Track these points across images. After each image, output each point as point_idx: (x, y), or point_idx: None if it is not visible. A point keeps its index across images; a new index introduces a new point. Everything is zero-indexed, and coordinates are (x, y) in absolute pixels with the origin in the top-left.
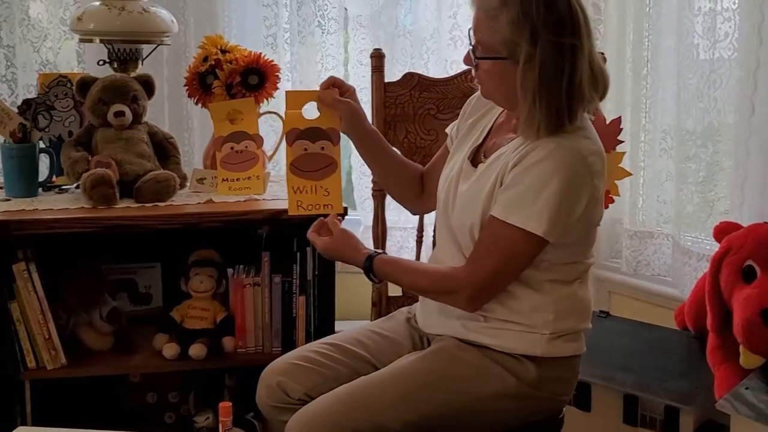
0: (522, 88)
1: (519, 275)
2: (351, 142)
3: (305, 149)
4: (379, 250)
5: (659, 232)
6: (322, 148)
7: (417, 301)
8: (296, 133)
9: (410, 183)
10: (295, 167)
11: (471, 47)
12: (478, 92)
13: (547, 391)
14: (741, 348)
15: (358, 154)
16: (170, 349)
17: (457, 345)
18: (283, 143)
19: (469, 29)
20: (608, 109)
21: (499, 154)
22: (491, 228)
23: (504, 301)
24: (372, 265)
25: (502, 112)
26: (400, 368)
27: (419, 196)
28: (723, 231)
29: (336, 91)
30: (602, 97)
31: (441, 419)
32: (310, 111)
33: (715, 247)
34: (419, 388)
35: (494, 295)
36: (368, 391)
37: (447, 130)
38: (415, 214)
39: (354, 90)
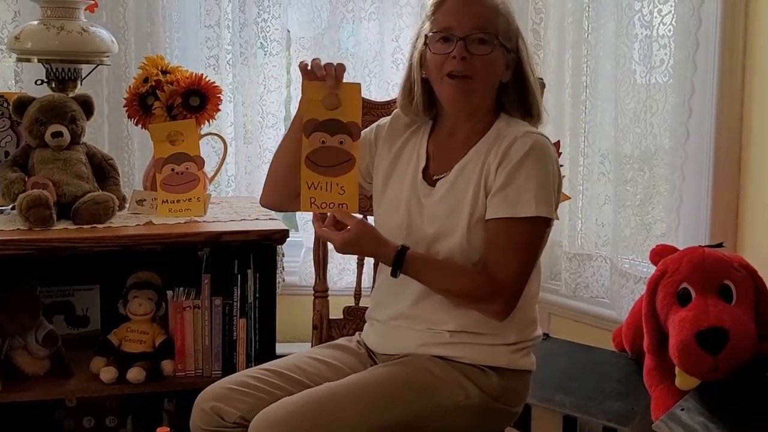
0: (526, 72)
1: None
2: None
3: (323, 142)
4: (406, 245)
5: (597, 255)
6: (341, 142)
7: (360, 329)
8: (314, 125)
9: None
10: (310, 161)
11: (462, 40)
12: (390, 117)
13: (504, 401)
14: (677, 369)
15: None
16: (108, 373)
17: (425, 356)
18: (225, 165)
19: (445, 29)
20: (548, 133)
21: (464, 164)
22: (501, 230)
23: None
24: (403, 260)
25: (434, 132)
26: (368, 375)
27: (292, 193)
28: (659, 254)
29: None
30: None
31: (405, 427)
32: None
33: (651, 269)
34: (386, 394)
35: (521, 295)
36: (335, 396)
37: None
38: (268, 204)
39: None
